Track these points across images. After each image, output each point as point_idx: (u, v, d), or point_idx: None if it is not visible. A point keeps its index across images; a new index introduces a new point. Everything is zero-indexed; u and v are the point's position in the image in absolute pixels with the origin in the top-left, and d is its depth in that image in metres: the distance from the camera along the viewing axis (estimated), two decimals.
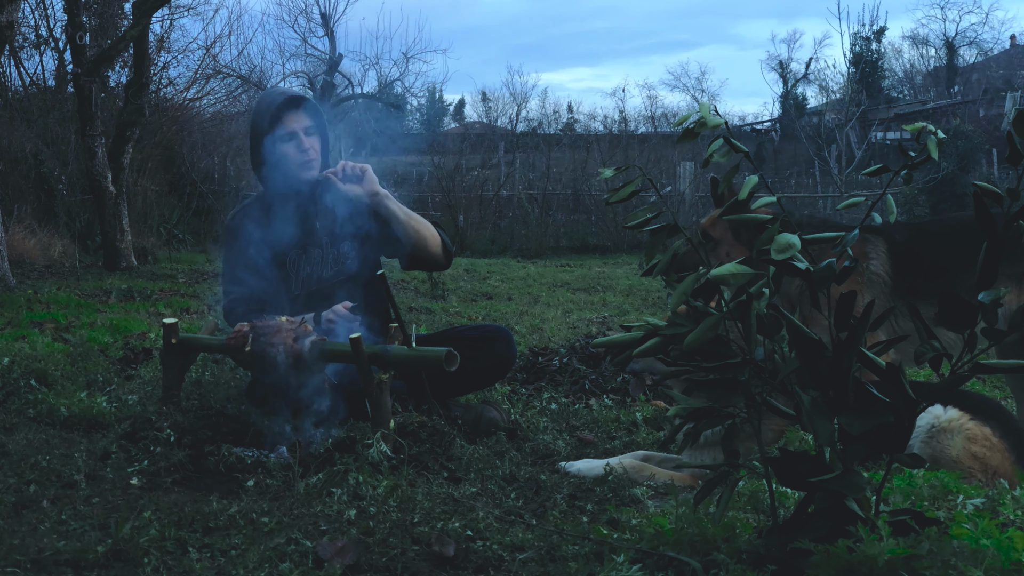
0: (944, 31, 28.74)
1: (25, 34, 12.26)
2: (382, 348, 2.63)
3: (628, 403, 3.56)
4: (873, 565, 1.57)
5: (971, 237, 3.06)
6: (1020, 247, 1.57)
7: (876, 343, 1.77)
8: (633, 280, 8.97)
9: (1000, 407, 2.74)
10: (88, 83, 8.46)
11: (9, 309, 5.64)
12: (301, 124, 3.03)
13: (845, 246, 1.79)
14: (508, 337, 3.16)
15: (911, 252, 2.95)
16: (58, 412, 3.00)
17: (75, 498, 2.24)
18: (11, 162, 9.87)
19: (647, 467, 2.63)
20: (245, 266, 3.02)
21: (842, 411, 1.69)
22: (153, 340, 4.53)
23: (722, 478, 1.82)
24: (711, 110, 1.77)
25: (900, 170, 1.83)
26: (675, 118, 23.57)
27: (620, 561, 1.78)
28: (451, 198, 14.65)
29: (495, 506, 2.28)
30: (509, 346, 3.14)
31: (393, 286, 2.72)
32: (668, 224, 1.83)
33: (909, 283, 2.89)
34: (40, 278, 7.63)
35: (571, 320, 5.98)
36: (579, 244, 14.37)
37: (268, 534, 2.01)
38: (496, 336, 3.14)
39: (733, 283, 1.69)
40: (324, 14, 21.46)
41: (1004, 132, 16.36)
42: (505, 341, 3.13)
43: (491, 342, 3.11)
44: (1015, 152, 1.62)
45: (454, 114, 33.63)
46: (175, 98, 13.29)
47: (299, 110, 3.04)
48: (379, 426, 2.55)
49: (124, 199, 8.80)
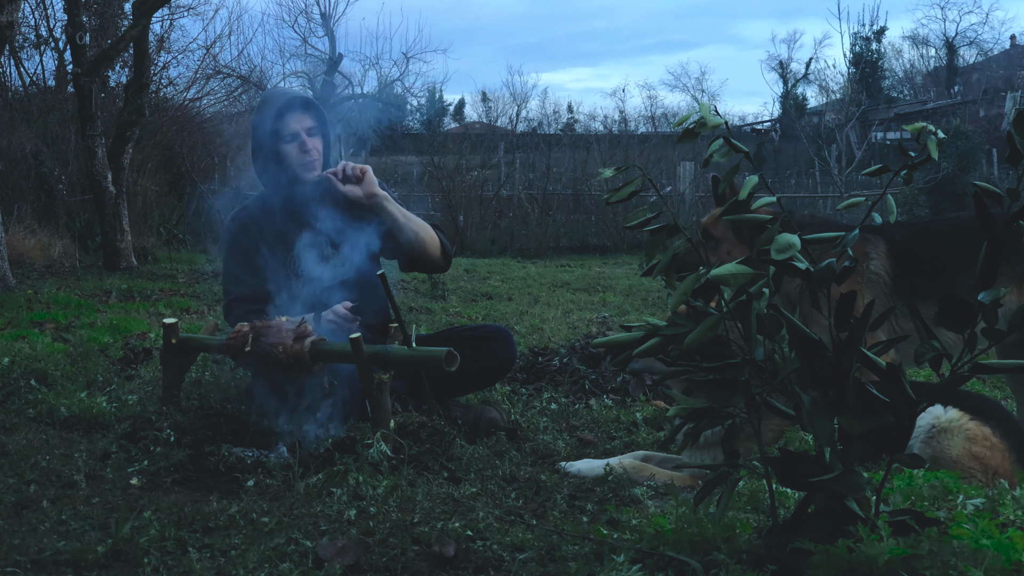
0: (944, 31, 28.75)
1: (25, 34, 12.28)
2: (382, 348, 2.63)
3: (628, 403, 3.56)
4: (873, 565, 1.57)
5: (971, 236, 3.06)
6: (1020, 247, 1.57)
7: (876, 343, 1.77)
8: (633, 280, 8.97)
9: (1000, 407, 2.74)
10: (88, 83, 8.46)
11: (9, 309, 5.64)
12: (304, 124, 3.04)
13: (845, 246, 1.79)
14: (508, 337, 3.16)
15: (911, 252, 2.95)
16: (58, 412, 3.00)
17: (75, 498, 2.24)
18: (11, 162, 9.87)
19: (647, 467, 2.63)
20: (245, 266, 3.03)
21: (842, 411, 1.69)
22: (153, 340, 4.53)
23: (722, 478, 1.82)
24: (711, 110, 1.77)
25: (900, 170, 1.83)
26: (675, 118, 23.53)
27: (620, 561, 1.78)
28: (451, 198, 14.65)
29: (495, 506, 2.28)
30: (509, 346, 3.14)
31: (393, 286, 2.72)
32: (668, 224, 1.83)
33: (909, 283, 2.89)
34: (40, 278, 7.63)
35: (571, 320, 5.98)
36: (579, 244, 14.37)
37: (268, 534, 2.01)
38: (496, 336, 3.14)
39: (733, 283, 1.69)
40: (324, 14, 21.48)
41: (1004, 132, 16.34)
42: (505, 341, 3.13)
43: (491, 342, 3.11)
44: (1015, 152, 1.62)
45: (454, 114, 33.62)
46: (175, 98, 13.31)
47: (302, 111, 3.06)
48: (379, 426, 2.55)
49: (124, 199, 8.80)
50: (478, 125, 28.96)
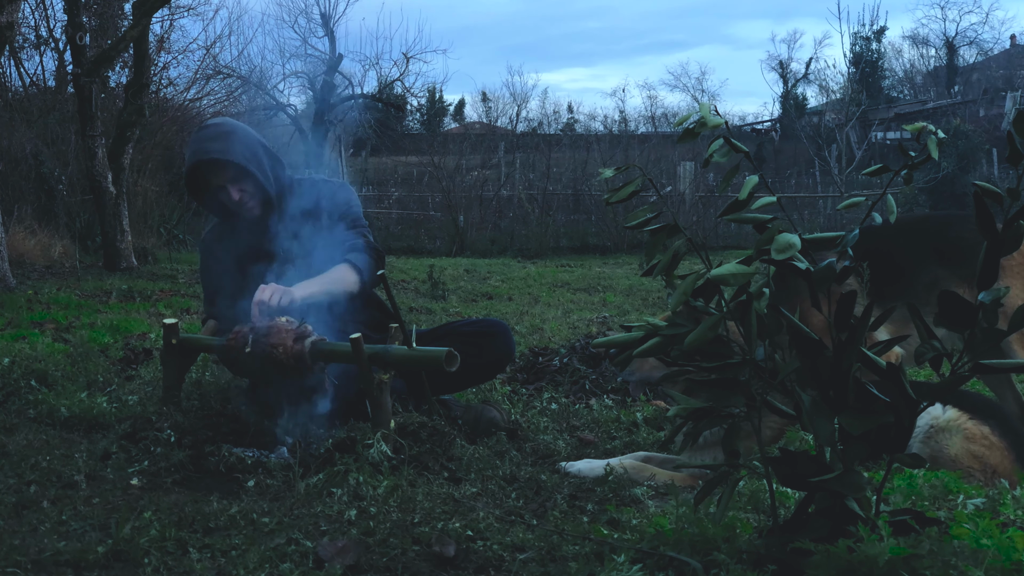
0: (944, 31, 28.79)
1: (25, 34, 12.29)
2: (382, 348, 2.63)
3: (628, 403, 3.56)
4: (873, 565, 1.57)
5: (915, 234, 3.07)
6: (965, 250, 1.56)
7: (875, 344, 1.77)
8: (633, 280, 8.97)
9: (998, 406, 2.75)
10: (88, 83, 8.46)
11: (9, 309, 5.64)
12: (221, 178, 2.95)
13: (846, 246, 1.79)
14: (506, 332, 3.15)
15: (871, 255, 2.94)
16: (58, 412, 3.00)
17: (75, 498, 2.24)
18: (11, 162, 9.87)
19: (647, 467, 2.63)
20: (218, 287, 3.06)
21: (842, 411, 1.69)
22: (153, 340, 4.53)
23: (722, 478, 1.82)
24: (711, 110, 1.77)
25: (900, 170, 1.83)
26: (675, 118, 23.60)
27: (620, 561, 1.78)
28: (451, 198, 14.66)
29: (495, 506, 2.28)
30: (507, 341, 3.13)
31: (393, 286, 2.72)
32: (668, 224, 1.83)
33: (877, 289, 2.88)
34: (40, 278, 7.63)
35: (571, 320, 5.98)
36: (579, 244, 14.37)
37: (268, 534, 2.01)
38: (494, 331, 3.13)
39: (733, 283, 1.69)
40: (324, 14, 21.49)
41: (1004, 132, 16.36)
42: (503, 336, 3.12)
43: (489, 337, 3.09)
44: (1015, 152, 1.62)
45: (454, 114, 33.62)
46: (175, 98, 13.32)
47: (214, 168, 2.94)
48: (379, 426, 2.55)
49: (124, 199, 8.80)
50: (478, 125, 28.98)
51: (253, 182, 2.96)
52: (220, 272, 3.07)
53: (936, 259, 2.92)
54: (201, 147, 2.94)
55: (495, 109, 30.45)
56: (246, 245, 3.02)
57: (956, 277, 2.86)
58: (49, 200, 9.98)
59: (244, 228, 3.04)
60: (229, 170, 2.94)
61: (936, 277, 2.88)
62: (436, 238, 14.77)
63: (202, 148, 2.93)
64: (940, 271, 2.90)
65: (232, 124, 3.08)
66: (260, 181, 2.96)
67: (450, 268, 9.96)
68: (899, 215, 1.98)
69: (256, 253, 2.98)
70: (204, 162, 2.92)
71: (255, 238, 3.00)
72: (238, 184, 2.96)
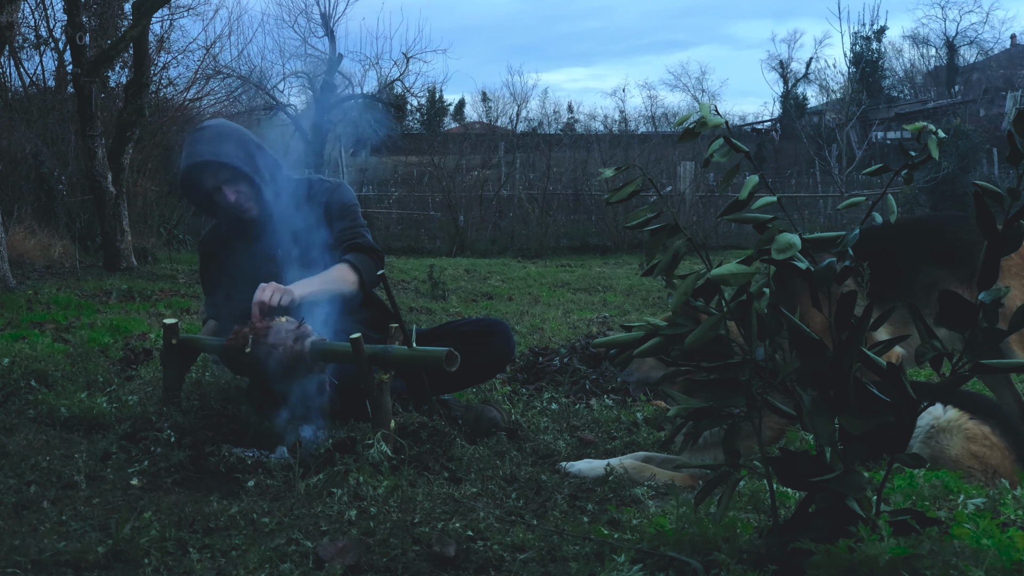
0: (944, 31, 28.79)
1: (25, 34, 12.28)
2: (382, 348, 2.63)
3: (629, 403, 3.56)
4: (874, 565, 1.57)
5: (909, 235, 3.07)
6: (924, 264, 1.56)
7: (875, 344, 1.77)
8: (633, 280, 8.97)
9: (999, 406, 2.74)
10: (88, 83, 8.47)
11: (9, 310, 5.64)
12: (217, 180, 2.96)
13: (846, 245, 1.79)
14: (506, 330, 3.14)
15: (869, 257, 2.93)
16: (58, 413, 3.00)
17: (75, 499, 2.24)
18: (11, 162, 9.87)
19: (648, 467, 2.63)
20: (218, 287, 3.07)
21: (843, 411, 1.69)
22: (153, 341, 4.53)
23: (723, 478, 1.82)
24: (711, 110, 1.77)
25: (901, 170, 1.83)
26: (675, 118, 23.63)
27: (621, 561, 1.78)
28: (451, 198, 14.66)
29: (496, 506, 2.28)
30: (507, 340, 3.13)
31: (393, 286, 2.71)
32: (668, 224, 1.83)
33: (876, 291, 2.88)
34: (40, 279, 7.63)
35: (571, 320, 5.98)
36: (579, 244, 14.38)
37: (268, 534, 2.01)
38: (494, 330, 3.13)
39: (733, 283, 1.69)
40: (324, 14, 21.48)
41: (1004, 132, 16.36)
42: (503, 336, 3.12)
43: (489, 337, 3.09)
44: (1015, 152, 1.62)
45: (454, 114, 33.61)
46: (175, 98, 13.31)
47: (209, 170, 2.95)
48: (380, 426, 2.55)
49: (124, 199, 8.80)
50: (478, 125, 28.98)
51: (248, 183, 2.97)
52: (219, 272, 3.08)
53: (934, 260, 2.92)
54: (195, 149, 2.95)
55: (495, 109, 30.47)
56: (245, 245, 3.02)
57: (954, 278, 2.86)
58: (49, 200, 9.99)
59: (243, 228, 3.04)
60: (224, 172, 2.95)
61: (934, 278, 2.88)
62: (436, 238, 14.78)
63: (196, 150, 2.95)
64: (938, 272, 2.89)
65: (225, 125, 3.10)
66: (256, 182, 2.97)
67: (450, 268, 9.96)
68: (897, 216, 1.98)
69: (255, 253, 2.99)
70: (198, 164, 2.94)
71: (254, 238, 3.01)
72: (233, 185, 2.97)
